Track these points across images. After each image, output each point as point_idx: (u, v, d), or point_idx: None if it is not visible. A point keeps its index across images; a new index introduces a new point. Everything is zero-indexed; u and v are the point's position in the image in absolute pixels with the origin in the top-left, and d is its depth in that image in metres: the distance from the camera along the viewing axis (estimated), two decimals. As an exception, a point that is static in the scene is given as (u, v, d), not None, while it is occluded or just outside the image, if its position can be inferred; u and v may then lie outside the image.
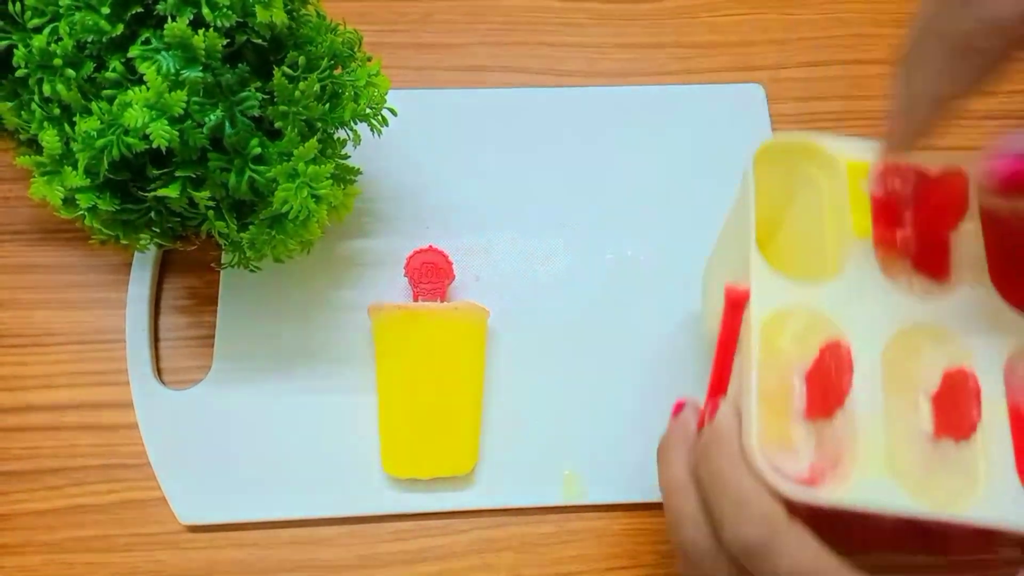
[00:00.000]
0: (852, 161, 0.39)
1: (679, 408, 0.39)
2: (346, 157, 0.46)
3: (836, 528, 0.36)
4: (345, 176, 0.46)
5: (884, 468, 0.33)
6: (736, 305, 0.36)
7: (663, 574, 0.46)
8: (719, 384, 0.37)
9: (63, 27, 0.37)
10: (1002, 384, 0.35)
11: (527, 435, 0.48)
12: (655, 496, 0.47)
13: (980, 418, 0.33)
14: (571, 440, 0.48)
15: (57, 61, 0.37)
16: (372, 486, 0.47)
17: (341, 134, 0.45)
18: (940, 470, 0.35)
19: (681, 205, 0.54)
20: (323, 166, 0.40)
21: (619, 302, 0.51)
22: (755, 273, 0.36)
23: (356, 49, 0.44)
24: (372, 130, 0.44)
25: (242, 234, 0.41)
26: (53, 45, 0.37)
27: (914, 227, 0.39)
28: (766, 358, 0.35)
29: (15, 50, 0.38)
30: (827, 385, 0.34)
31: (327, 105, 0.41)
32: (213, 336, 0.49)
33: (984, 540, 0.37)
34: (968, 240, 0.38)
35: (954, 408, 0.34)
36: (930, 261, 0.38)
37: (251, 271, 0.46)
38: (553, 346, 0.50)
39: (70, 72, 0.37)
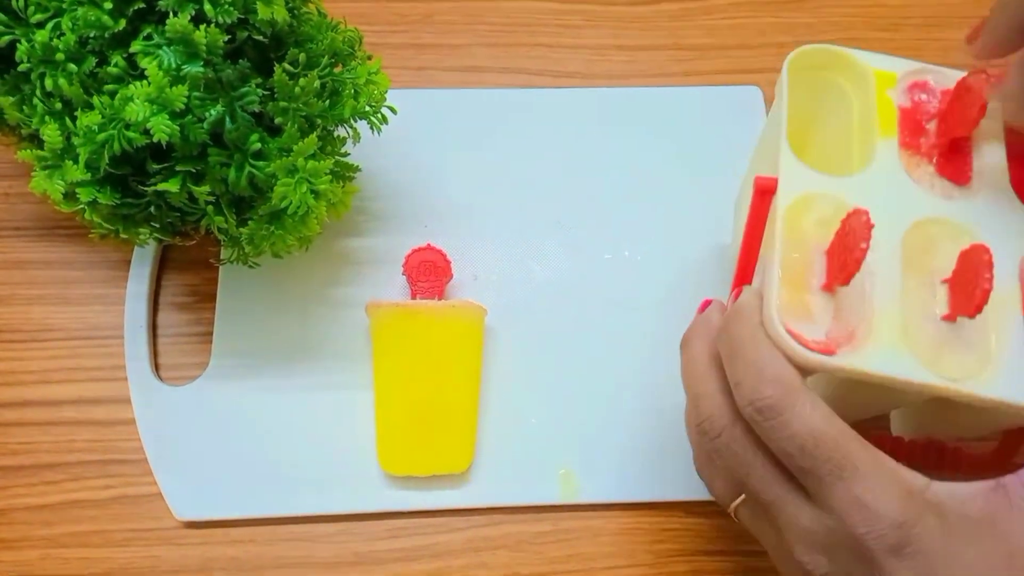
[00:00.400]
0: (880, 70, 0.41)
1: (706, 305, 0.40)
2: (346, 155, 0.46)
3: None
4: (344, 173, 0.46)
5: (898, 339, 0.34)
6: (764, 192, 0.37)
7: (659, 573, 0.46)
8: (744, 273, 0.39)
9: (66, 22, 0.38)
10: (1016, 279, 0.36)
11: (523, 433, 0.48)
12: (652, 495, 0.47)
13: (991, 288, 0.33)
14: (568, 439, 0.48)
15: (59, 56, 0.38)
16: (368, 483, 0.47)
17: (341, 132, 0.45)
18: (953, 347, 0.35)
19: (678, 206, 0.54)
20: (322, 162, 0.40)
21: (616, 302, 0.51)
22: (783, 161, 0.38)
23: (356, 47, 0.44)
24: (372, 128, 0.44)
25: (241, 229, 0.41)
26: (55, 40, 0.38)
27: (937, 135, 0.40)
28: (790, 235, 0.36)
29: (18, 45, 0.38)
30: (846, 251, 0.34)
31: (327, 102, 0.41)
32: (211, 333, 0.49)
33: (997, 460, 0.38)
34: (989, 147, 0.39)
35: (969, 282, 0.35)
36: (952, 166, 0.40)
37: (250, 267, 0.47)
38: (550, 345, 0.50)
39: (72, 67, 0.38)
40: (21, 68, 0.38)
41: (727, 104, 0.58)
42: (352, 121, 0.44)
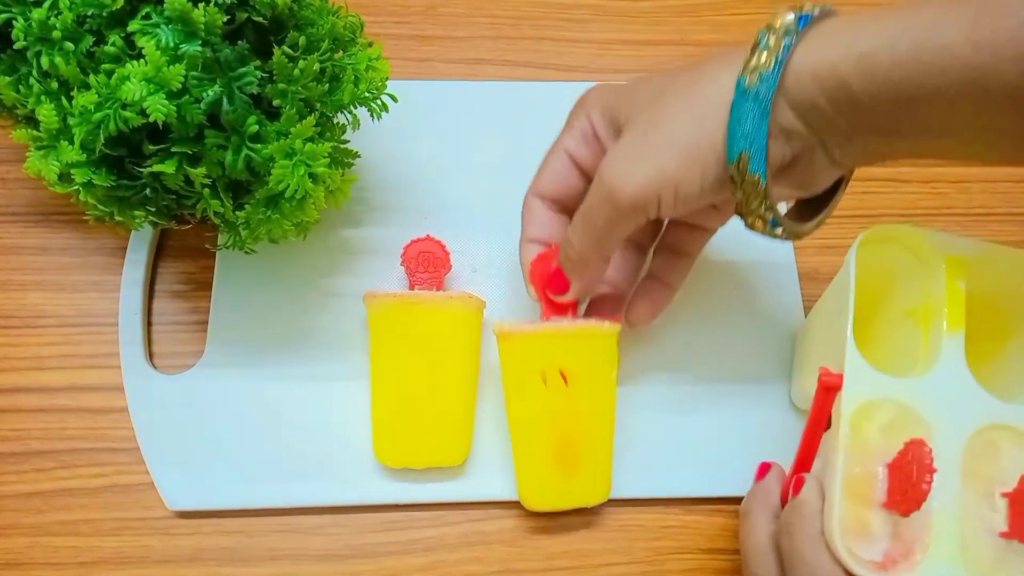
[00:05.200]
0: (951, 256, 0.40)
1: (764, 470, 0.42)
2: (345, 142, 0.46)
3: None
4: (343, 159, 0.45)
5: (955, 560, 0.35)
6: (829, 390, 0.38)
7: (657, 571, 0.46)
8: (805, 458, 0.40)
9: (63, 1, 0.37)
10: None
11: (521, 427, 0.48)
12: (650, 492, 0.47)
13: None
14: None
15: (56, 34, 0.37)
16: (363, 475, 0.46)
17: (341, 119, 0.45)
18: (1011, 566, 0.36)
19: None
20: (320, 145, 0.39)
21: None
22: (849, 363, 0.38)
23: (357, 33, 0.44)
24: (372, 115, 0.44)
25: (238, 213, 0.41)
26: (53, 19, 0.37)
27: None
28: (853, 447, 0.37)
29: (14, 23, 0.38)
30: (907, 482, 0.35)
31: (326, 87, 0.41)
32: (207, 321, 0.49)
33: None
34: None
35: None
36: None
37: (246, 253, 0.46)
38: (549, 339, 0.49)
39: (69, 46, 0.37)
40: (17, 47, 0.38)
41: (732, 100, 0.57)
42: (352, 107, 0.43)
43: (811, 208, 0.39)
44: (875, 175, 0.56)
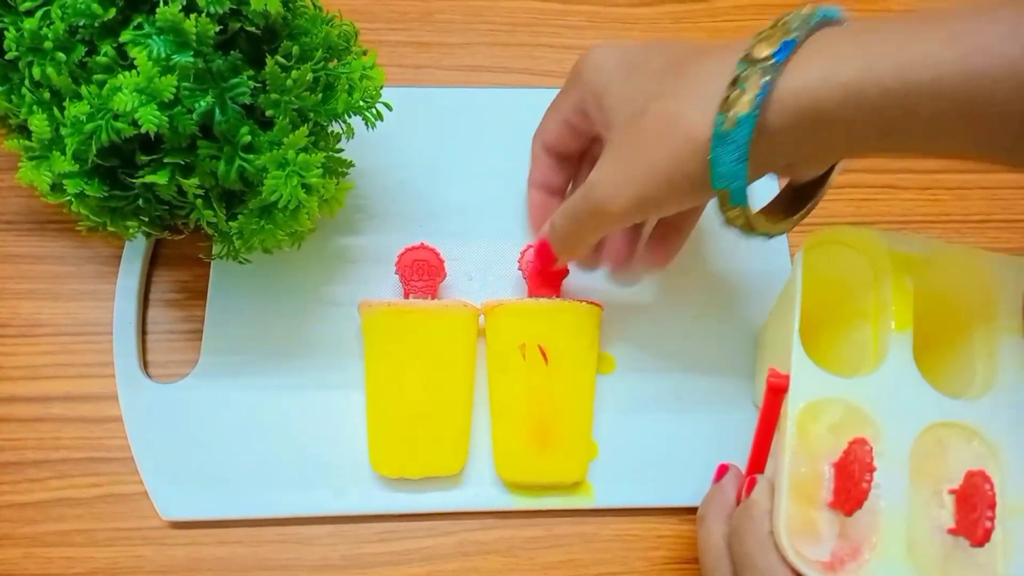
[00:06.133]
0: (897, 253, 0.41)
1: (722, 472, 0.42)
2: (340, 151, 0.46)
3: None
4: (337, 168, 0.45)
5: (903, 559, 0.35)
6: (776, 392, 0.38)
7: (652, 581, 0.46)
8: (758, 460, 0.40)
9: (55, 10, 0.37)
10: None
11: (517, 437, 0.47)
12: (645, 501, 0.47)
13: (993, 527, 0.34)
14: (562, 443, 0.47)
15: (48, 45, 0.37)
16: (358, 485, 0.46)
17: (335, 128, 0.44)
18: (959, 565, 0.36)
19: (678, 208, 0.53)
20: (313, 155, 0.39)
21: (611, 304, 0.50)
22: (796, 365, 0.38)
23: (352, 42, 0.44)
24: (366, 124, 0.44)
25: (231, 224, 0.40)
26: (44, 28, 0.37)
27: None
28: (800, 446, 0.37)
29: (6, 33, 0.38)
30: (850, 481, 0.35)
31: (320, 96, 0.41)
32: (201, 330, 0.49)
33: None
34: (1011, 346, 0.40)
35: (973, 509, 0.35)
36: None
37: (240, 263, 0.46)
38: (545, 347, 0.49)
39: (61, 56, 0.37)
40: (9, 56, 0.38)
41: (729, 106, 0.57)
42: (346, 116, 0.43)
43: (801, 196, 0.40)
44: (872, 183, 0.56)
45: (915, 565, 0.35)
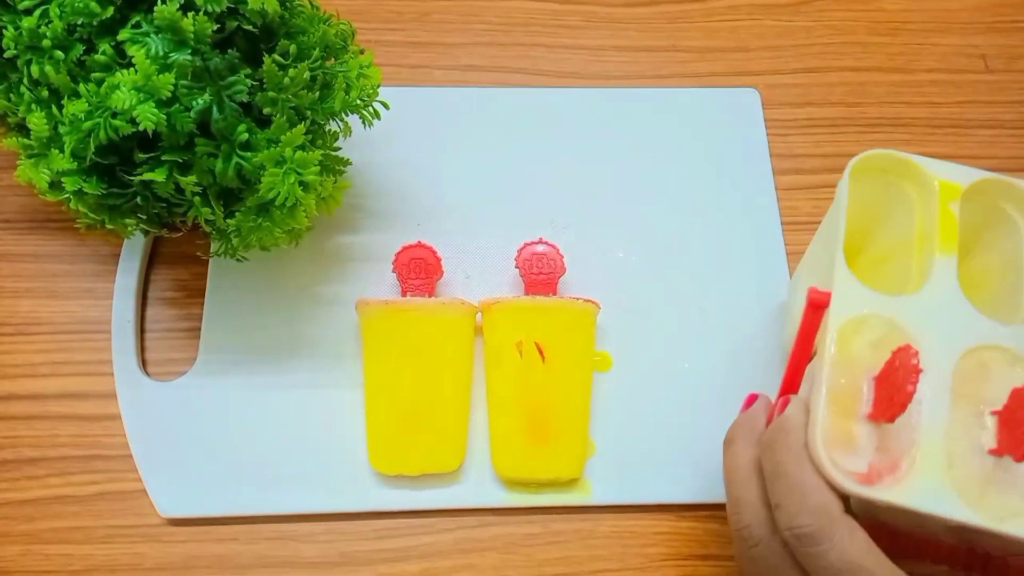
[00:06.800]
0: (944, 181, 0.40)
1: (751, 400, 0.40)
2: (337, 150, 0.46)
3: (896, 536, 0.38)
4: (334, 166, 0.45)
5: (942, 475, 0.34)
6: (817, 307, 0.37)
7: (649, 578, 0.46)
8: (792, 382, 0.39)
9: (53, 9, 0.37)
10: None
11: (514, 434, 0.48)
12: (642, 498, 0.47)
13: None
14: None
15: (46, 43, 0.37)
16: (356, 482, 0.46)
17: (333, 126, 0.45)
18: (1000, 483, 0.35)
19: (674, 207, 0.54)
20: (311, 153, 0.39)
21: (608, 303, 0.50)
22: (838, 279, 0.38)
23: (349, 41, 0.44)
24: (363, 122, 0.44)
25: (228, 221, 0.41)
26: (43, 27, 0.37)
27: None
28: (840, 359, 0.36)
29: (4, 31, 0.38)
30: (893, 389, 0.34)
31: (317, 94, 0.41)
32: (199, 328, 0.49)
33: None
34: None
35: (1017, 425, 0.35)
36: None
37: (238, 260, 0.46)
38: (542, 345, 0.50)
39: (59, 54, 0.37)
40: (8, 55, 0.38)
41: (725, 106, 0.57)
42: (343, 115, 0.43)
43: None
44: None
45: (954, 482, 0.34)
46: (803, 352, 0.38)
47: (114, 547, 0.45)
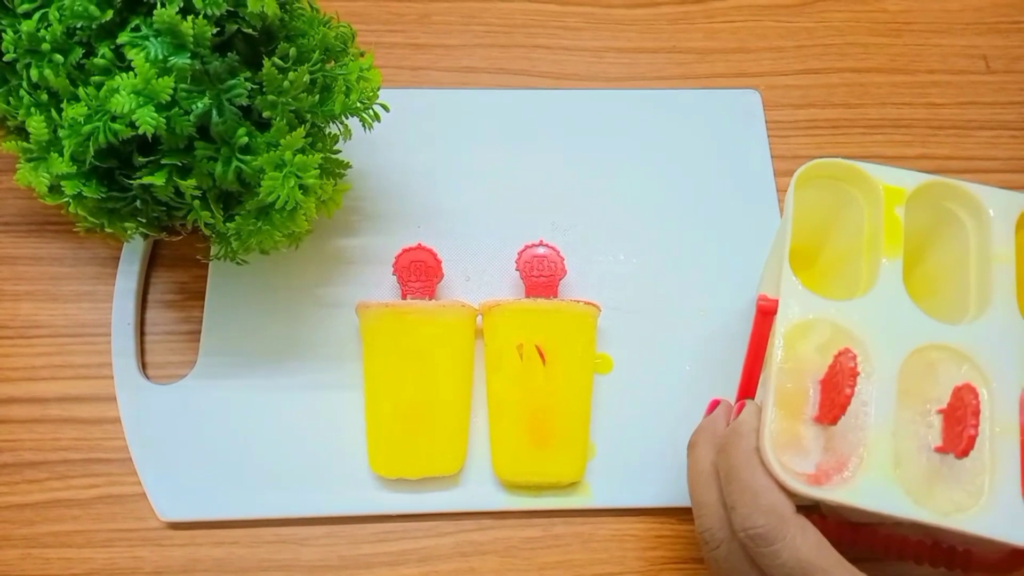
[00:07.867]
0: (889, 186, 0.42)
1: (713, 406, 0.42)
2: (337, 152, 0.46)
3: (863, 534, 0.39)
4: (334, 169, 0.45)
5: (889, 473, 0.35)
6: (765, 313, 0.39)
7: (650, 581, 0.46)
8: (747, 386, 0.40)
9: (53, 13, 0.37)
10: (1017, 408, 0.37)
11: (515, 437, 0.48)
12: (643, 502, 0.47)
13: (976, 435, 0.34)
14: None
15: (46, 47, 0.37)
16: (356, 486, 0.46)
17: (332, 129, 0.45)
18: (946, 480, 0.36)
19: (675, 209, 0.54)
20: (311, 156, 0.39)
21: (609, 304, 0.50)
22: (784, 285, 0.39)
23: (349, 44, 0.44)
24: (363, 125, 0.44)
25: (228, 224, 0.40)
26: (42, 30, 0.37)
27: None
28: (787, 364, 0.38)
29: (3, 35, 0.38)
30: (834, 392, 0.35)
31: (317, 97, 0.41)
32: (199, 331, 0.49)
33: (1008, 562, 0.38)
34: (1002, 275, 0.40)
35: (958, 422, 0.36)
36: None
37: (238, 264, 0.46)
38: (543, 348, 0.50)
39: (58, 58, 0.37)
40: (7, 58, 0.38)
41: (726, 107, 0.57)
42: (343, 118, 0.43)
43: None
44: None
45: (901, 480, 0.35)
46: (756, 357, 0.40)
47: (114, 551, 0.45)
